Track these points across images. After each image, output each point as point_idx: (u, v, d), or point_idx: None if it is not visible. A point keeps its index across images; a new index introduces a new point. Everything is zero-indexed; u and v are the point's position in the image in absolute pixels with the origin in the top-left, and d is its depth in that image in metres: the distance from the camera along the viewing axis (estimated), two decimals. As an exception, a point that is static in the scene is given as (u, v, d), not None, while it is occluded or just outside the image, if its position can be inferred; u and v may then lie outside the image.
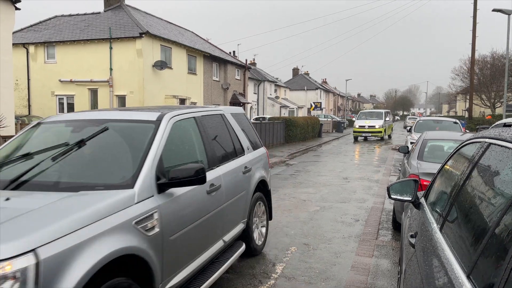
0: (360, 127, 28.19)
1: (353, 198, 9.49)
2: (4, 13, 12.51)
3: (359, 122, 28.63)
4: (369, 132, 28.00)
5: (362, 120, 28.92)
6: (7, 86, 12.79)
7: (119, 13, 23.48)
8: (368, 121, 28.31)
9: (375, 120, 28.43)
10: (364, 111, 31.61)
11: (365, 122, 28.27)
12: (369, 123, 27.95)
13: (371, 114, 29.82)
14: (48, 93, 22.32)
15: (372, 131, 27.92)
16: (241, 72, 33.87)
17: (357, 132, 28.43)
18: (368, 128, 27.90)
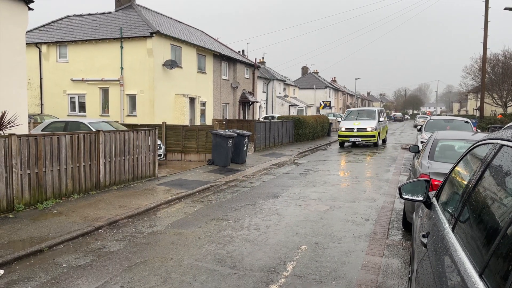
0: (347, 130, 21.89)
1: (363, 197, 9.49)
2: (18, 13, 12.69)
3: (346, 124, 22.27)
4: (358, 136, 21.55)
5: (349, 120, 22.58)
6: (20, 85, 12.97)
7: (130, 13, 23.66)
8: (357, 122, 22.01)
9: (367, 120, 22.28)
10: (353, 110, 24.96)
11: (353, 123, 21.93)
12: (359, 125, 21.70)
13: (362, 113, 23.62)
14: (60, 92, 22.59)
15: (362, 135, 21.50)
16: (250, 71, 33.91)
17: (343, 136, 22.04)
18: (358, 131, 21.54)
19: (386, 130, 25.53)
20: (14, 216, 7.24)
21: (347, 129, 21.91)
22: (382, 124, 23.77)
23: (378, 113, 23.34)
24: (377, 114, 23.08)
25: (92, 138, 9.47)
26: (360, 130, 21.56)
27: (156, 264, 5.29)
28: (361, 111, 24.10)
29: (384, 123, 24.71)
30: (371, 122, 22.09)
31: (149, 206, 8.29)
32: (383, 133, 24.04)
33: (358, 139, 21.62)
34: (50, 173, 8.31)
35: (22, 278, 4.87)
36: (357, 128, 21.65)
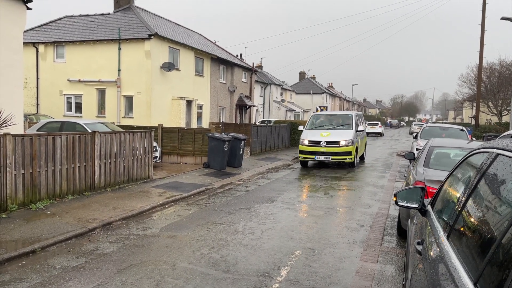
0: (311, 144, 15.38)
1: (358, 203, 9.50)
2: (16, 13, 12.65)
3: (310, 135, 15.80)
4: (328, 153, 15.13)
5: (315, 130, 16.16)
6: (16, 84, 12.91)
7: (128, 14, 23.66)
8: (326, 132, 15.66)
9: (340, 130, 15.94)
10: (321, 114, 18.18)
11: (321, 134, 15.54)
12: (329, 137, 15.33)
13: (333, 120, 17.06)
14: (56, 92, 22.50)
15: (334, 152, 15.10)
16: (248, 75, 33.96)
17: (306, 153, 15.51)
18: (327, 146, 15.13)
19: (365, 143, 18.78)
20: (7, 216, 7.18)
21: (312, 142, 15.25)
22: (361, 136, 17.01)
23: (356, 119, 16.50)
24: (354, 121, 16.17)
25: (88, 139, 9.43)
26: (331, 145, 15.02)
27: (150, 267, 5.26)
28: (332, 117, 17.43)
29: (363, 134, 17.97)
30: (346, 132, 15.51)
31: (144, 208, 8.25)
32: (361, 148, 17.13)
33: (328, 157, 15.00)
34: (44, 174, 8.26)
35: (14, 279, 4.82)
36: (326, 141, 15.04)
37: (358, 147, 15.98)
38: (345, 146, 14.97)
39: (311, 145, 15.31)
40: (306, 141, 15.49)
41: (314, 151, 15.24)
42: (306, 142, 15.46)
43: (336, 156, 15.02)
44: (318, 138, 15.30)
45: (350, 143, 15.05)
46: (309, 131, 16.15)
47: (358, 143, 15.99)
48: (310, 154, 15.34)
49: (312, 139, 15.40)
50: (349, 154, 15.00)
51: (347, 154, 15.00)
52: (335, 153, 15.02)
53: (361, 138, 17.17)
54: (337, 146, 15.01)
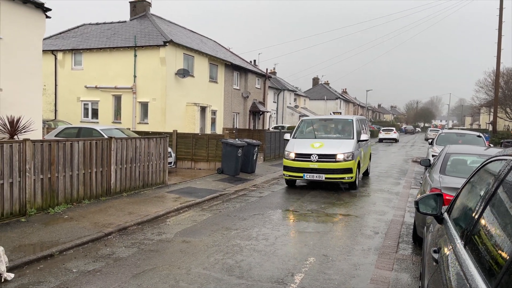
0: (299, 159, 11.85)
1: (373, 210, 9.42)
2: (35, 21, 12.99)
3: (297, 146, 12.23)
4: (320, 170, 11.54)
5: (305, 140, 12.58)
6: (36, 91, 13.22)
7: (144, 22, 24.03)
8: (319, 143, 12.09)
9: (337, 140, 12.40)
10: (312, 119, 14.26)
11: (311, 145, 12.02)
12: (321, 149, 11.77)
13: (327, 126, 13.70)
14: (74, 99, 22.94)
15: (328, 169, 11.51)
16: (261, 81, 34.07)
17: (292, 169, 11.94)
18: (319, 160, 11.58)
19: (369, 155, 15.51)
20: (26, 220, 7.34)
21: (300, 156, 11.71)
22: (364, 146, 13.51)
23: (358, 126, 13.02)
24: (355, 128, 12.62)
25: (104, 145, 9.58)
26: (325, 159, 11.44)
27: (164, 272, 5.30)
28: (328, 122, 13.81)
29: (367, 144, 14.30)
30: (345, 143, 11.93)
31: (159, 213, 8.33)
32: (364, 162, 13.68)
33: (320, 175, 11.43)
34: (62, 178, 8.41)
35: (32, 282, 4.92)
36: (318, 154, 11.49)
37: (360, 161, 12.38)
38: (343, 161, 11.33)
39: (298, 159, 11.65)
40: (292, 154, 11.82)
41: (302, 168, 11.54)
42: (292, 156, 11.80)
43: (332, 174, 11.32)
44: (308, 151, 11.65)
45: (350, 156, 11.41)
46: (297, 141, 12.40)
47: (360, 157, 12.37)
48: (297, 171, 11.65)
49: (300, 152, 11.72)
50: (348, 171, 11.34)
51: (346, 171, 11.32)
52: (330, 170, 11.31)
53: (365, 150, 13.64)
54: (332, 160, 11.37)
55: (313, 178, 11.56)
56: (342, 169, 11.41)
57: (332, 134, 13.01)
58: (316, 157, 11.52)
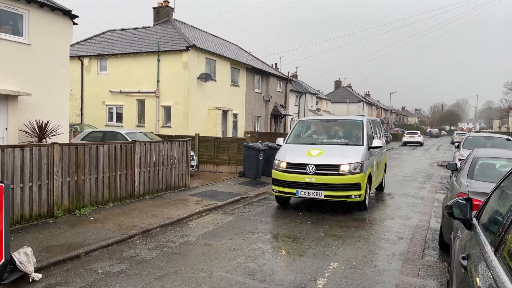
0: (292, 169, 9.19)
1: (397, 215, 9.24)
2: (63, 28, 13.38)
3: (291, 153, 9.58)
4: (319, 186, 8.85)
5: (302, 145, 9.97)
6: (63, 96, 13.60)
7: (167, 27, 24.41)
8: (318, 149, 9.43)
9: (341, 147, 9.69)
10: (311, 120, 11.40)
11: (308, 153, 9.34)
12: (321, 157, 9.11)
13: (330, 129, 10.81)
14: (99, 103, 23.47)
15: (328, 184, 8.80)
16: (283, 84, 34.04)
17: (282, 184, 9.31)
18: (317, 172, 8.88)
19: (384, 164, 12.55)
20: (54, 221, 7.53)
21: (293, 166, 9.20)
22: (378, 155, 10.94)
23: (369, 129, 10.37)
24: (366, 131, 9.98)
25: (129, 148, 9.75)
26: (324, 171, 8.89)
27: (187, 275, 5.34)
28: (331, 124, 10.97)
29: (381, 152, 11.70)
30: (352, 150, 9.35)
31: (181, 216, 8.41)
32: (378, 173, 11.00)
33: (318, 192, 8.86)
34: (88, 181, 8.60)
35: (59, 282, 5.03)
36: (315, 165, 8.95)
37: (372, 174, 9.76)
38: (348, 174, 8.68)
39: (291, 170, 9.07)
40: (283, 164, 9.25)
41: (295, 182, 8.96)
42: (283, 166, 9.22)
43: (333, 191, 8.68)
44: (303, 160, 9.05)
45: (358, 168, 8.78)
46: (291, 147, 9.85)
47: (372, 168, 9.80)
48: (288, 186, 9.08)
49: (293, 161, 9.15)
50: (355, 187, 8.74)
51: (352, 187, 8.72)
52: (331, 186, 8.69)
53: (378, 159, 10.89)
54: (334, 173, 8.72)
55: (308, 196, 8.84)
56: (347, 184, 8.67)
57: (335, 139, 10.09)
58: (313, 168, 8.81)
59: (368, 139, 9.86)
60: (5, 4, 11.51)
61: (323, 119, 11.59)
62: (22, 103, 12.24)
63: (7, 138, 11.89)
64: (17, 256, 4.96)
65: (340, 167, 8.79)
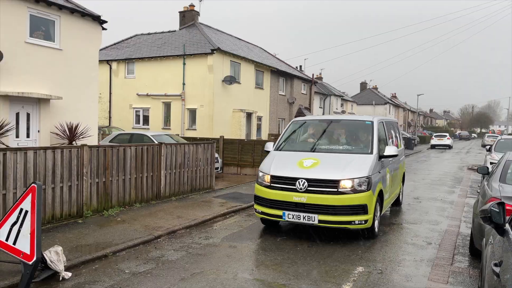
0: (277, 184, 7.11)
1: (425, 219, 9.02)
2: (92, 33, 13.76)
3: (278, 162, 7.50)
4: (311, 208, 6.72)
5: (294, 153, 7.79)
6: (93, 99, 13.98)
7: (192, 31, 24.72)
8: (313, 158, 7.30)
9: (342, 155, 7.48)
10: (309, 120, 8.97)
11: (299, 163, 7.22)
12: (316, 169, 7.01)
13: (333, 132, 8.37)
14: (126, 106, 23.99)
15: (323, 206, 6.66)
16: (307, 86, 33.87)
17: (266, 203, 7.21)
18: (309, 189, 6.77)
19: (402, 175, 10.44)
20: (83, 221, 7.73)
21: (279, 180, 7.16)
22: (393, 165, 8.83)
23: (381, 132, 8.29)
24: (376, 135, 7.78)
25: (155, 150, 9.91)
26: (319, 187, 6.80)
27: (212, 276, 5.37)
28: (333, 126, 8.61)
29: (399, 160, 9.65)
30: (357, 161, 7.24)
31: (206, 218, 8.47)
32: (393, 188, 8.93)
33: (311, 216, 6.75)
34: (115, 182, 8.79)
35: (88, 281, 5.16)
36: (307, 179, 6.86)
37: (384, 190, 7.68)
38: (351, 193, 6.67)
39: (276, 186, 7.10)
40: (267, 178, 7.27)
41: (281, 201, 6.98)
42: (267, 180, 7.25)
43: (330, 216, 6.65)
44: (292, 172, 7.06)
45: (364, 184, 6.76)
46: (280, 154, 7.88)
47: (384, 183, 7.71)
48: (272, 206, 7.09)
49: (280, 174, 7.15)
50: (360, 210, 6.70)
51: (356, 210, 6.69)
52: (328, 208, 6.66)
53: (393, 169, 8.68)
54: (332, 191, 6.71)
55: (298, 220, 6.80)
56: (348, 206, 6.62)
57: (337, 145, 7.90)
58: (304, 183, 6.77)
59: (379, 145, 7.67)
60: (37, 11, 11.95)
61: (322, 119, 9.09)
62: (54, 106, 12.64)
63: (40, 140, 12.32)
64: (48, 255, 5.12)
65: (340, 183, 6.64)
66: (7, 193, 6.68)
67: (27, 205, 4.70)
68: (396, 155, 7.99)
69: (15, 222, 4.75)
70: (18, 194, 6.70)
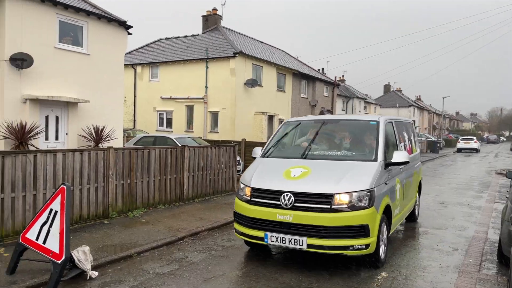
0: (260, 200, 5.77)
1: (451, 225, 8.81)
2: (118, 38, 14.09)
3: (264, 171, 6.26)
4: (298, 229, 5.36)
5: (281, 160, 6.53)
6: (118, 103, 14.30)
7: (215, 35, 24.97)
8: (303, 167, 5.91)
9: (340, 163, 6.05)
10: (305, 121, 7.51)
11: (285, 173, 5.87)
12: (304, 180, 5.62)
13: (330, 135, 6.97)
14: (150, 109, 24.42)
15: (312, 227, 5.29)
16: (330, 89, 33.65)
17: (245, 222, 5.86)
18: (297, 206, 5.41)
19: (418, 183, 9.11)
20: (108, 222, 7.92)
21: (260, 194, 5.81)
22: (406, 173, 7.45)
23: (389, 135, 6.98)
24: (382, 139, 6.35)
25: (178, 153, 10.05)
26: (307, 203, 5.41)
27: (234, 279, 5.40)
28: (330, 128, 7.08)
29: (414, 167, 8.48)
30: (356, 170, 5.80)
31: (228, 220, 8.52)
32: (406, 201, 7.47)
33: (298, 238, 5.36)
34: (140, 184, 8.97)
35: (114, 281, 5.28)
36: (294, 192, 5.50)
37: (393, 205, 6.36)
38: (348, 210, 5.34)
39: (257, 200, 5.83)
40: (247, 190, 6.04)
41: (263, 220, 5.69)
42: (247, 194, 6.01)
43: (321, 240, 5.32)
44: (276, 184, 5.78)
45: (365, 199, 5.42)
46: (266, 162, 6.76)
47: (393, 196, 6.39)
48: (253, 225, 5.79)
49: (261, 186, 5.90)
50: (359, 232, 5.35)
51: (354, 232, 5.34)
52: (319, 229, 5.32)
53: (406, 178, 7.46)
54: (324, 208, 5.38)
55: (283, 244, 5.47)
56: (344, 228, 5.27)
57: (334, 150, 6.49)
58: (290, 198, 5.46)
59: (387, 150, 6.40)
60: (66, 17, 12.33)
61: (318, 119, 7.32)
62: (81, 109, 13.00)
63: (67, 142, 12.68)
64: (76, 254, 5.27)
65: (334, 198, 5.30)
66: (37, 193, 6.90)
67: (57, 206, 4.86)
68: (407, 162, 6.35)
69: (45, 222, 4.92)
70: (48, 195, 6.92)
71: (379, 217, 5.58)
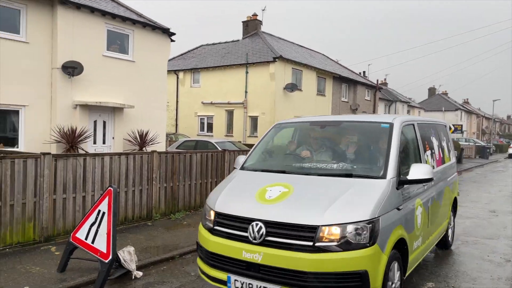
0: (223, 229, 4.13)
1: (503, 234, 8.34)
2: (162, 45, 14.53)
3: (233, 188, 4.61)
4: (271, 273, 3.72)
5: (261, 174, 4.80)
6: (161, 108, 14.73)
7: (255, 40, 25.18)
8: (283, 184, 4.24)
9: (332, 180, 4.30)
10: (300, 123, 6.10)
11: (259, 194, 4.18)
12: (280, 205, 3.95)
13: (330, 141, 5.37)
14: (191, 114, 24.95)
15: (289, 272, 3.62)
16: (371, 92, 32.93)
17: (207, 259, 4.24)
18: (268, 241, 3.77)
19: (452, 201, 6.94)
20: (152, 224, 8.14)
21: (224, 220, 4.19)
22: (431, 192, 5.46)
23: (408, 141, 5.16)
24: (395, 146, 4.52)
25: (219, 157, 10.18)
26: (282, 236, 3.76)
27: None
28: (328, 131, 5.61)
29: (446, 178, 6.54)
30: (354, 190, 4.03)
31: (268, 225, 8.51)
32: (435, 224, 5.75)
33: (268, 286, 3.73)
34: (182, 187, 9.16)
35: (157, 281, 5.42)
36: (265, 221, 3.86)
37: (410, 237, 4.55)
38: (338, 250, 3.60)
39: (220, 229, 4.19)
40: (210, 214, 4.37)
41: (226, 258, 4.04)
42: (210, 219, 4.34)
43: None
44: (244, 209, 4.13)
45: (364, 234, 3.66)
46: (242, 175, 5.00)
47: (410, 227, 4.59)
48: (214, 265, 4.17)
49: (227, 210, 4.24)
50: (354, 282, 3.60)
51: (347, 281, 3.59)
52: (297, 275, 3.60)
53: (433, 198, 5.57)
54: (304, 245, 3.65)
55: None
56: (332, 275, 3.60)
57: (328, 163, 4.81)
58: (260, 229, 3.89)
59: (405, 161, 4.75)
60: (113, 26, 12.87)
61: (315, 121, 5.86)
62: (126, 114, 13.49)
63: (114, 146, 13.20)
64: (122, 255, 5.46)
65: (319, 232, 3.68)
66: (86, 195, 7.22)
67: (104, 207, 5.06)
68: (430, 179, 4.43)
69: (94, 222, 5.14)
70: (96, 196, 7.23)
71: (385, 258, 3.82)
